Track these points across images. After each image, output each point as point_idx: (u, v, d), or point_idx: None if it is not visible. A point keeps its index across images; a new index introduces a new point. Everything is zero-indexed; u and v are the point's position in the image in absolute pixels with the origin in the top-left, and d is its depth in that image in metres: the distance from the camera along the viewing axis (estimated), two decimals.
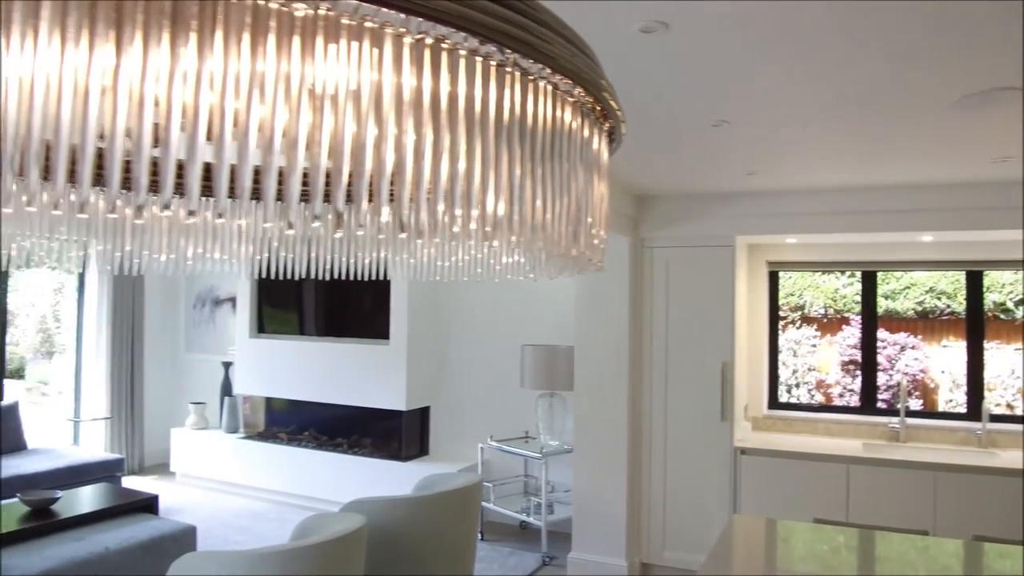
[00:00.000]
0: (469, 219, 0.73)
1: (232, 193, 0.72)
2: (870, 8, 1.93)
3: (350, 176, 0.66)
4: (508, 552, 5.55)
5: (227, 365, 7.67)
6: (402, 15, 0.66)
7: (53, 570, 3.89)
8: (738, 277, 5.09)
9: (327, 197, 0.65)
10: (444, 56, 0.72)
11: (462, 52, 0.73)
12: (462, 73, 0.73)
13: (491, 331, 6.40)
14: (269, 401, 7.40)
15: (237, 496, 6.97)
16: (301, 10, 0.63)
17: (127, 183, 1.14)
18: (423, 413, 6.69)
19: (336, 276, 1.80)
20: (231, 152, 0.65)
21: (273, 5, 0.62)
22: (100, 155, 0.69)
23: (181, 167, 0.72)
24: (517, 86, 0.81)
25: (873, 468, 4.58)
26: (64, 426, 7.60)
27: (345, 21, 0.65)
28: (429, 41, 0.71)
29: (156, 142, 0.65)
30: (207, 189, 1.14)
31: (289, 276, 1.80)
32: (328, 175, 0.65)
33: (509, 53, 0.76)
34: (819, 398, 5.68)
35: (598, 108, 0.97)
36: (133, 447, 7.63)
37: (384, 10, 0.65)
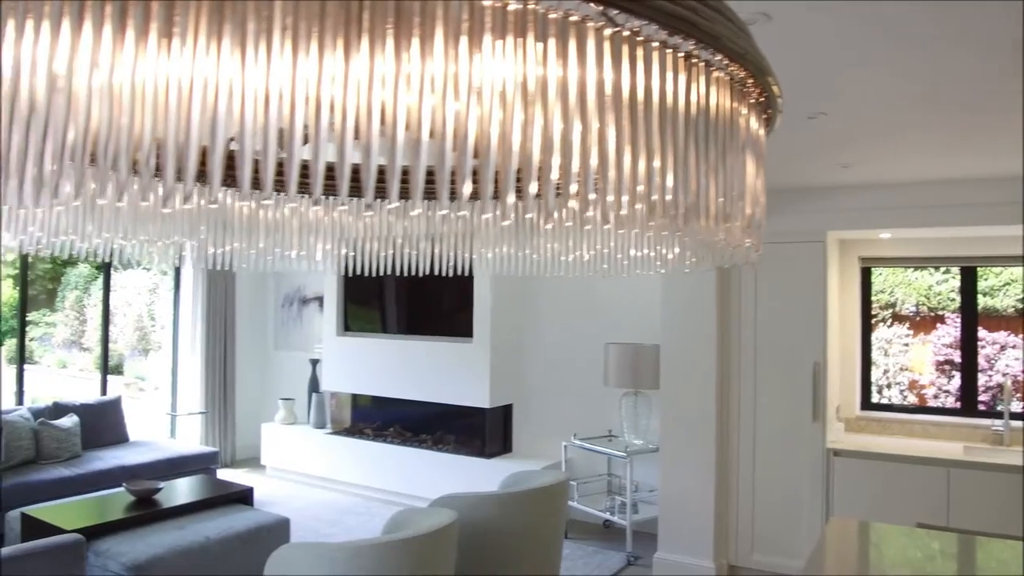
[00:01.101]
0: (662, 210, 0.73)
1: (382, 191, 0.74)
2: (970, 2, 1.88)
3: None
4: (593, 551, 5.54)
5: (314, 362, 7.87)
6: (599, 7, 0.67)
7: (158, 557, 4.06)
8: (830, 274, 4.95)
9: (516, 192, 0.67)
10: (640, 50, 0.73)
11: (654, 44, 0.74)
12: (655, 66, 0.74)
13: (574, 329, 6.39)
14: (355, 398, 7.57)
15: (325, 490, 7.14)
16: (513, 5, 0.65)
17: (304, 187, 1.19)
18: (506, 410, 6.72)
19: (459, 272, 1.83)
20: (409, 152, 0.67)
21: (487, 2, 0.63)
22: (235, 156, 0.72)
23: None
24: (702, 77, 0.81)
25: (976, 472, 4.40)
26: (161, 420, 7.93)
27: (552, 16, 0.66)
28: (626, 33, 0.72)
29: (302, 143, 0.67)
30: (356, 189, 1.18)
31: (415, 273, 1.84)
32: (536, 170, 0.66)
33: (694, 45, 0.76)
34: (911, 399, 5.48)
35: (763, 97, 0.97)
36: (226, 441, 7.90)
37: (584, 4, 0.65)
